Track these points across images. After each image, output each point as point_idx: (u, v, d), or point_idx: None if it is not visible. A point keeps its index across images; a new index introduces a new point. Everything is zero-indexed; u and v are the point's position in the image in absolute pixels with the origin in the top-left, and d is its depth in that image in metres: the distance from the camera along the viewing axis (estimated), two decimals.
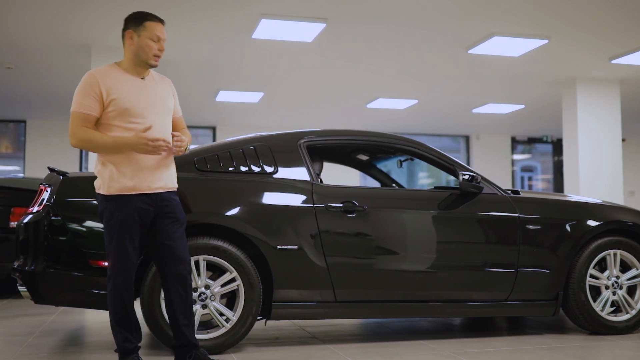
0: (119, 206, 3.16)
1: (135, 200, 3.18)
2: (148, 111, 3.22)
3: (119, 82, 3.20)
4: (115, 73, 3.23)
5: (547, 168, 17.91)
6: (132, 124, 3.17)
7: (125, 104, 3.16)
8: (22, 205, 6.02)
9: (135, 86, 3.24)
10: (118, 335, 3.23)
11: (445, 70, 9.79)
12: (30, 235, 3.80)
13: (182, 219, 3.35)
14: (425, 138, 15.80)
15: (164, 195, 3.27)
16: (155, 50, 3.25)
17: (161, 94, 3.34)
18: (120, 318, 3.21)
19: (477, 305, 4.20)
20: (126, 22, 3.31)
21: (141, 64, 3.27)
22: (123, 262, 3.18)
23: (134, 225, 3.18)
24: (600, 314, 4.30)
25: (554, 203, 4.56)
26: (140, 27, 3.25)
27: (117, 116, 3.17)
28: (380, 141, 4.46)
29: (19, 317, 5.23)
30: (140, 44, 3.24)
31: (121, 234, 3.17)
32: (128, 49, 3.27)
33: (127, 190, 3.17)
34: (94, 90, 3.14)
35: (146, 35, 3.24)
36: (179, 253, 3.28)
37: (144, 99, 3.23)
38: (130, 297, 3.25)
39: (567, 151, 10.65)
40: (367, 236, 4.04)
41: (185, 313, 3.32)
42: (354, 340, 4.35)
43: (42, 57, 8.87)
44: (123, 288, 3.20)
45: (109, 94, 3.15)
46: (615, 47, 8.58)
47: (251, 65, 9.47)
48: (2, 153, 14.95)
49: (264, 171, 4.03)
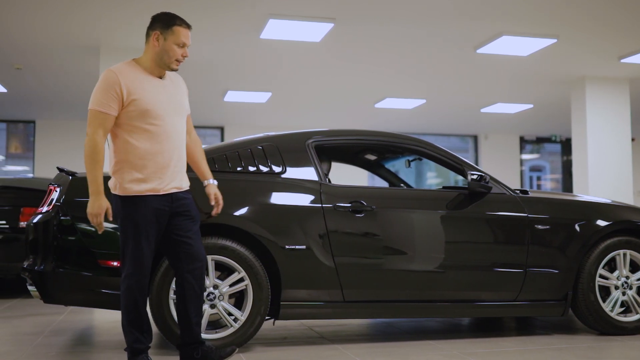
0: (136, 207, 3.16)
1: (152, 200, 3.18)
2: (167, 112, 3.22)
3: (140, 82, 3.18)
4: (135, 72, 3.20)
5: (556, 168, 17.84)
6: (150, 125, 3.17)
7: (146, 105, 3.15)
8: (31, 205, 6.04)
9: (154, 86, 3.23)
10: (129, 336, 3.23)
11: (454, 69, 9.77)
12: (40, 235, 3.81)
13: (197, 216, 3.36)
14: (433, 138, 15.77)
15: (178, 195, 3.28)
16: (178, 55, 3.24)
17: (178, 94, 3.35)
18: (132, 318, 3.22)
19: (485, 306, 4.18)
20: (154, 22, 3.25)
21: (162, 66, 3.26)
22: (138, 263, 3.18)
23: (150, 226, 3.18)
24: (610, 314, 4.27)
25: (563, 203, 4.54)
26: (168, 30, 3.21)
27: (136, 117, 3.15)
28: (389, 141, 4.45)
29: (28, 316, 5.25)
30: (165, 47, 3.21)
31: (137, 235, 3.16)
32: (152, 49, 3.23)
33: (143, 191, 3.17)
34: (114, 89, 3.11)
35: (172, 39, 3.21)
36: (195, 250, 3.29)
37: (163, 100, 3.22)
38: (144, 298, 3.25)
39: (576, 151, 10.60)
40: (375, 236, 4.03)
41: (197, 311, 3.34)
42: (362, 340, 4.34)
43: (50, 57, 8.91)
44: (137, 289, 3.20)
45: (130, 94, 3.13)
46: (625, 46, 8.54)
47: (259, 65, 9.48)
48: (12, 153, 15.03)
49: (272, 171, 4.04)
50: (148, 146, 3.17)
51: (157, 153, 3.18)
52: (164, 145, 3.20)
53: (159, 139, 3.19)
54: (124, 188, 3.18)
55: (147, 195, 3.17)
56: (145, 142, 3.17)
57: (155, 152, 3.18)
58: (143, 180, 3.17)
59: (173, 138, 3.24)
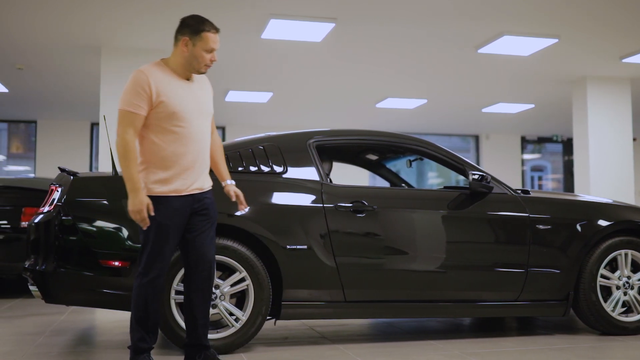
0: (158, 207, 3.16)
1: (174, 201, 3.19)
2: (193, 115, 3.23)
3: (169, 84, 3.19)
4: (164, 73, 3.21)
5: (557, 168, 17.83)
6: (176, 127, 3.18)
7: (174, 108, 3.16)
8: (33, 205, 6.05)
9: (182, 89, 3.24)
10: (135, 333, 3.22)
11: (455, 69, 9.76)
12: (41, 235, 3.82)
13: (214, 217, 3.37)
14: (434, 138, 15.76)
15: (200, 195, 3.29)
16: (207, 60, 3.25)
17: (204, 97, 3.36)
18: (140, 317, 3.21)
19: (486, 306, 4.18)
20: (183, 26, 3.24)
21: (191, 70, 3.27)
22: (156, 263, 3.18)
23: (171, 226, 3.19)
24: (611, 315, 4.27)
25: (565, 203, 4.54)
26: (197, 36, 3.20)
27: (164, 118, 3.16)
28: (390, 141, 4.45)
29: (29, 316, 5.25)
30: (195, 53, 3.21)
31: (159, 235, 3.17)
32: (180, 54, 3.23)
33: (166, 192, 3.18)
34: (145, 89, 3.12)
35: (202, 46, 3.20)
36: (204, 250, 3.30)
37: (190, 103, 3.23)
38: (157, 298, 3.23)
39: (578, 151, 10.59)
40: (376, 236, 4.03)
41: (205, 312, 3.34)
42: (363, 340, 4.34)
43: (52, 57, 8.91)
44: (150, 288, 3.19)
45: (159, 95, 3.14)
46: (626, 45, 8.53)
47: (260, 65, 9.48)
48: (13, 153, 15.04)
49: (273, 171, 4.04)
50: (174, 148, 3.18)
51: (182, 155, 3.19)
52: (189, 147, 3.21)
53: (184, 141, 3.20)
54: (147, 188, 3.18)
55: (170, 196, 3.19)
56: (171, 144, 3.18)
57: (180, 153, 3.19)
58: (167, 181, 3.18)
59: (198, 140, 3.25)
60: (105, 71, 8.40)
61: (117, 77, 8.35)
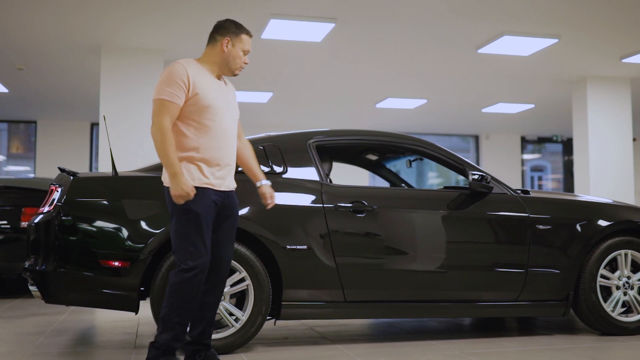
0: (197, 199, 3.15)
1: (210, 193, 3.22)
2: (223, 112, 3.28)
3: (203, 78, 3.25)
4: (199, 69, 3.27)
5: (557, 168, 17.83)
6: (209, 121, 3.22)
7: (207, 102, 3.20)
8: (32, 206, 6.05)
9: (215, 86, 3.30)
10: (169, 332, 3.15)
11: (455, 69, 9.76)
12: (41, 235, 3.82)
13: (237, 219, 3.41)
14: (434, 138, 15.77)
15: (228, 194, 3.33)
16: (242, 62, 3.36)
17: (233, 99, 3.43)
18: (179, 314, 3.15)
19: (487, 306, 4.18)
20: (222, 28, 3.34)
21: (224, 71, 3.36)
22: (198, 257, 3.14)
23: (209, 218, 3.20)
24: (611, 315, 4.27)
25: (564, 203, 4.54)
26: (237, 38, 3.34)
27: (195, 111, 3.19)
28: (390, 141, 4.46)
29: (29, 316, 5.25)
30: (233, 54, 3.32)
31: (197, 227, 3.15)
32: (218, 54, 3.32)
33: (202, 184, 3.19)
34: (182, 80, 3.16)
35: (240, 47, 3.34)
36: (226, 252, 3.34)
37: (221, 100, 3.29)
38: (197, 294, 3.18)
39: (578, 151, 10.59)
40: (376, 236, 4.04)
41: (214, 312, 3.38)
42: (363, 340, 4.34)
43: (52, 58, 8.91)
44: (192, 283, 3.13)
45: (195, 88, 3.18)
46: (626, 46, 8.53)
47: (260, 66, 9.47)
48: (13, 153, 15.04)
49: (273, 171, 4.04)
50: (205, 141, 3.21)
51: (214, 148, 3.23)
52: (221, 142, 3.25)
53: (216, 135, 3.24)
54: None
55: (206, 188, 3.20)
56: (203, 137, 3.21)
57: (212, 147, 3.22)
58: (202, 174, 3.20)
59: (228, 136, 3.29)
60: (105, 71, 8.40)
61: (117, 77, 8.36)
